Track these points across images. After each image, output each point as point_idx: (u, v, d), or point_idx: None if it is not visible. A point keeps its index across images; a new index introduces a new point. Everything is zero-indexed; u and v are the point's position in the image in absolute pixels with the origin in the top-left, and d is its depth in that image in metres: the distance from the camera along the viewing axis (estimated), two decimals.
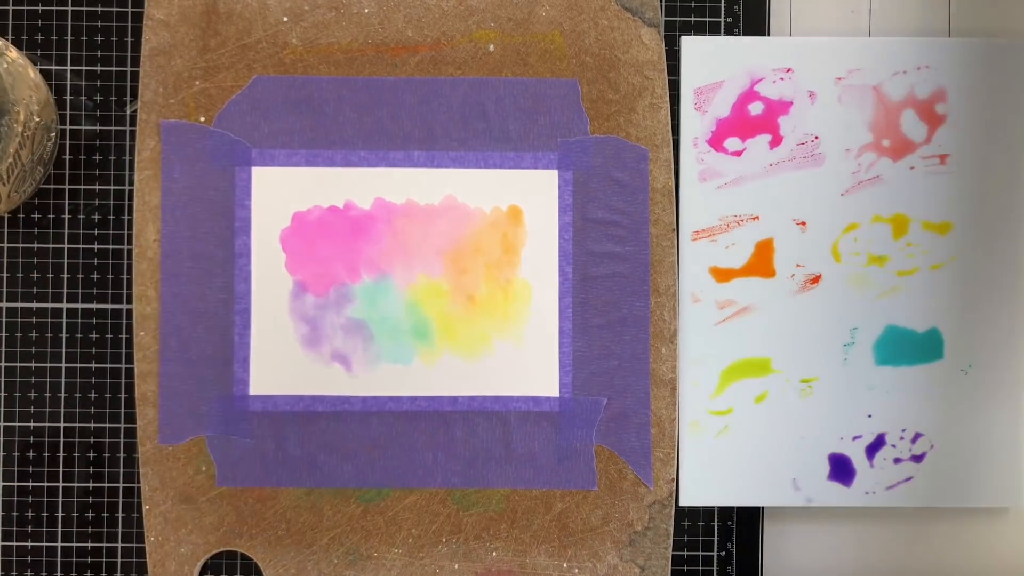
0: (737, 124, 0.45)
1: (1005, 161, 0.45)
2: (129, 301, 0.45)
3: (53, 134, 0.44)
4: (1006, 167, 0.45)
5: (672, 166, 0.44)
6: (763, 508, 0.46)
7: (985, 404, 0.45)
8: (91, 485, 0.45)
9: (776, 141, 0.45)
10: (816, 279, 0.45)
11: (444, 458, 0.44)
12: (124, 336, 0.45)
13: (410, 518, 0.44)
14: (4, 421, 0.45)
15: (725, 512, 0.46)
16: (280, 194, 0.44)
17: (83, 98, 0.45)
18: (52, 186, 0.45)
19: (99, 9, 0.45)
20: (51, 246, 0.45)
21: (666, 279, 0.44)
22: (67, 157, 0.45)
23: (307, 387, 0.44)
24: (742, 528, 0.46)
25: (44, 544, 0.45)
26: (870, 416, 0.45)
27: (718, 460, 0.45)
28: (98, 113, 0.45)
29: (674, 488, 0.44)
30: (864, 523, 0.47)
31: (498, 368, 0.44)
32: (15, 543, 0.45)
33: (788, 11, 0.47)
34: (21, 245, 0.45)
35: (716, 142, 0.45)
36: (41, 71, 0.44)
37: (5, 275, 0.45)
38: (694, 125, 0.45)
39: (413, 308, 0.44)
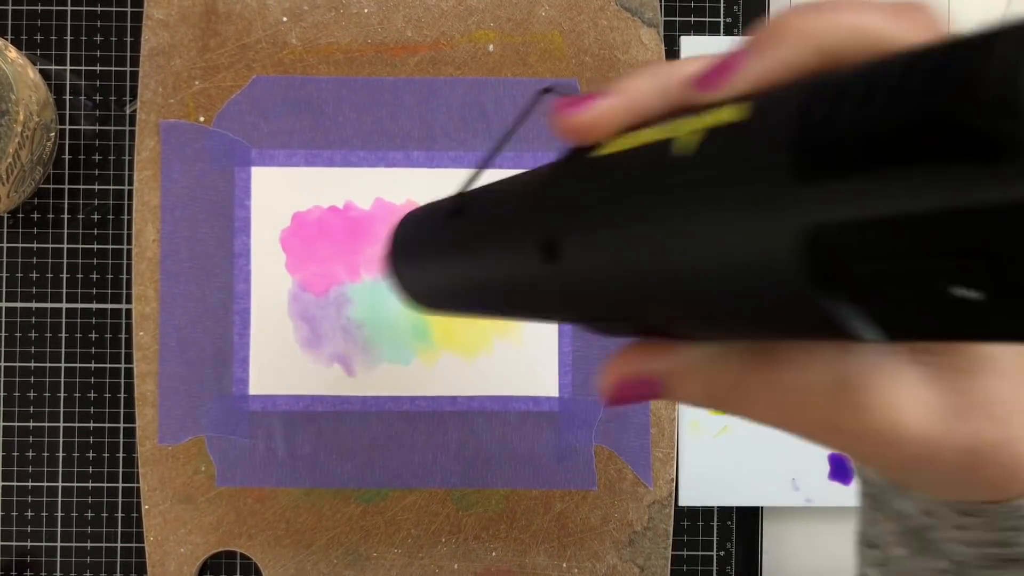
0: None
1: None
2: (128, 301, 0.45)
3: (52, 134, 0.44)
4: None
5: None
6: (763, 508, 0.46)
7: None
8: (91, 485, 0.45)
9: None
10: None
11: (443, 458, 0.44)
12: (123, 336, 0.45)
13: (409, 518, 0.44)
14: (4, 421, 0.45)
15: (725, 512, 0.46)
16: (280, 194, 0.44)
17: (83, 98, 0.45)
18: (51, 186, 0.45)
19: (99, 9, 0.45)
20: (51, 246, 0.45)
21: None
22: (66, 157, 0.45)
23: (306, 387, 0.44)
24: (742, 528, 0.46)
25: (44, 544, 0.45)
26: None
27: (718, 460, 0.45)
28: (97, 113, 0.45)
29: (673, 488, 0.44)
30: None
31: (497, 368, 0.44)
32: (15, 543, 0.45)
33: None
34: (21, 245, 0.45)
35: None
36: (40, 71, 0.44)
37: (5, 275, 0.45)
38: None
39: None
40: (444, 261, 0.23)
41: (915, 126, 0.10)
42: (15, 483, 0.45)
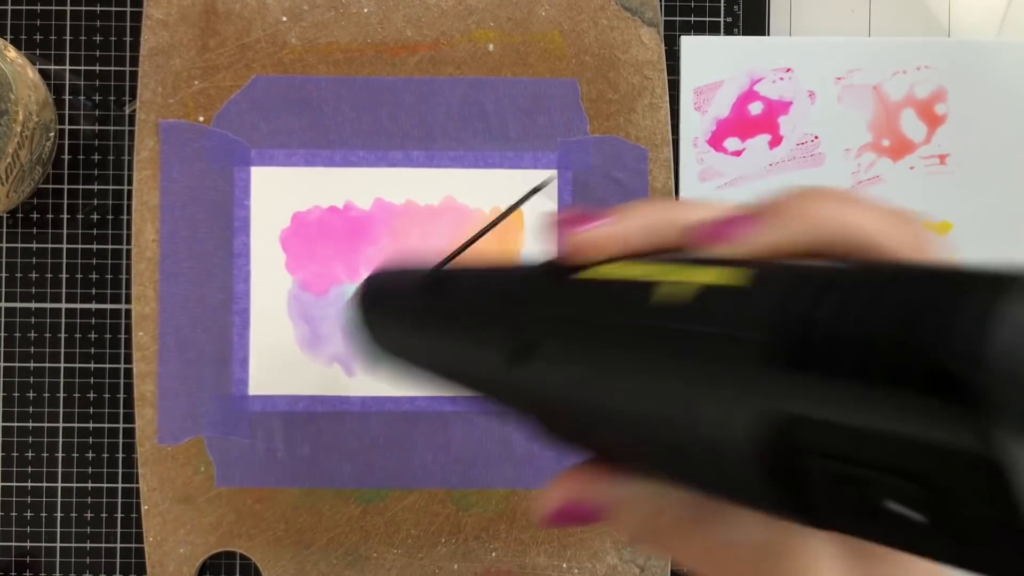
0: (737, 124, 0.45)
1: (1005, 161, 0.45)
2: (128, 301, 0.45)
3: (52, 134, 0.44)
4: (1006, 167, 0.45)
5: (672, 166, 0.44)
6: None
7: None
8: (90, 485, 0.45)
9: (776, 141, 0.45)
10: None
11: (443, 458, 0.44)
12: (123, 336, 0.45)
13: (409, 519, 0.44)
14: (3, 421, 0.45)
15: None
16: (279, 194, 0.44)
17: (82, 98, 0.45)
18: (51, 186, 0.45)
19: (98, 9, 0.45)
20: (50, 246, 0.45)
21: None
22: (66, 157, 0.45)
23: (306, 387, 0.44)
24: None
25: (43, 544, 0.45)
26: None
27: None
28: (97, 113, 0.45)
29: None
30: None
31: None
32: (14, 543, 0.44)
33: (788, 11, 0.46)
34: (20, 245, 0.45)
35: (716, 142, 0.45)
36: (40, 71, 0.44)
37: (4, 275, 0.45)
38: (694, 125, 0.45)
39: None
40: (411, 332, 0.24)
41: (885, 348, 0.11)
42: (14, 483, 0.45)
